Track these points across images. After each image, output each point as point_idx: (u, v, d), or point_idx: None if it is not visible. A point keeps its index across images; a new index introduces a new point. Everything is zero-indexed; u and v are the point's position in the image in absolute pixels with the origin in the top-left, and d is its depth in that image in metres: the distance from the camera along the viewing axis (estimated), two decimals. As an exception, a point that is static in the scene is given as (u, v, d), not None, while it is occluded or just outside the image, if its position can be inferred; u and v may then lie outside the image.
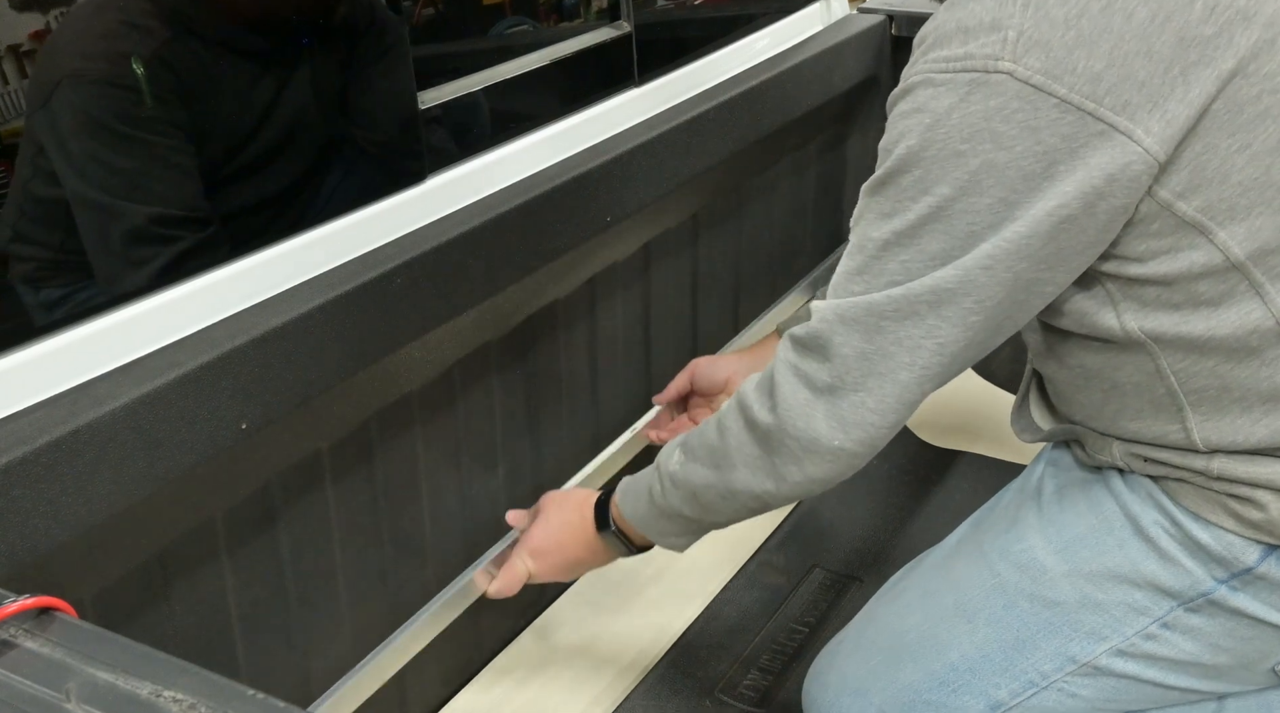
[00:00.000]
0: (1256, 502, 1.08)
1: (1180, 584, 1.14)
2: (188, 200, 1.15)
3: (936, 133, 0.99)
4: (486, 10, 1.52)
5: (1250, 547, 1.10)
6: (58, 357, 1.03)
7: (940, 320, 1.02)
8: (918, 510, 1.93)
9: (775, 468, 1.14)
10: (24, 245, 1.07)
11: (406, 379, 1.37)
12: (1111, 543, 1.17)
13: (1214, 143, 0.98)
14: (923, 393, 1.07)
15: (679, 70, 1.72)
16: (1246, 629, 1.14)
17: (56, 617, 0.73)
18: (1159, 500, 1.15)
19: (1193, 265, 1.02)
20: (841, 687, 1.32)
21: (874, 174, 1.06)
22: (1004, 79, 0.96)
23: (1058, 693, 1.20)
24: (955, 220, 1.00)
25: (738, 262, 1.98)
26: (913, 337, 1.03)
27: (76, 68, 1.06)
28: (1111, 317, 1.08)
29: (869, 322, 1.05)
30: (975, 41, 0.98)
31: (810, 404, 1.09)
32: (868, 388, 1.06)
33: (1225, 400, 1.07)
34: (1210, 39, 0.96)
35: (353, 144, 1.33)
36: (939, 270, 1.01)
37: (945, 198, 1.00)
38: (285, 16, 1.23)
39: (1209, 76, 0.96)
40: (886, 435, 1.09)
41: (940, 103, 0.99)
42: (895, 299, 1.03)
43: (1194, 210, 1.00)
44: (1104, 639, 1.18)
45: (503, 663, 1.68)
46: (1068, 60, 0.95)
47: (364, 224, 1.28)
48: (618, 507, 1.32)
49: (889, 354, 1.05)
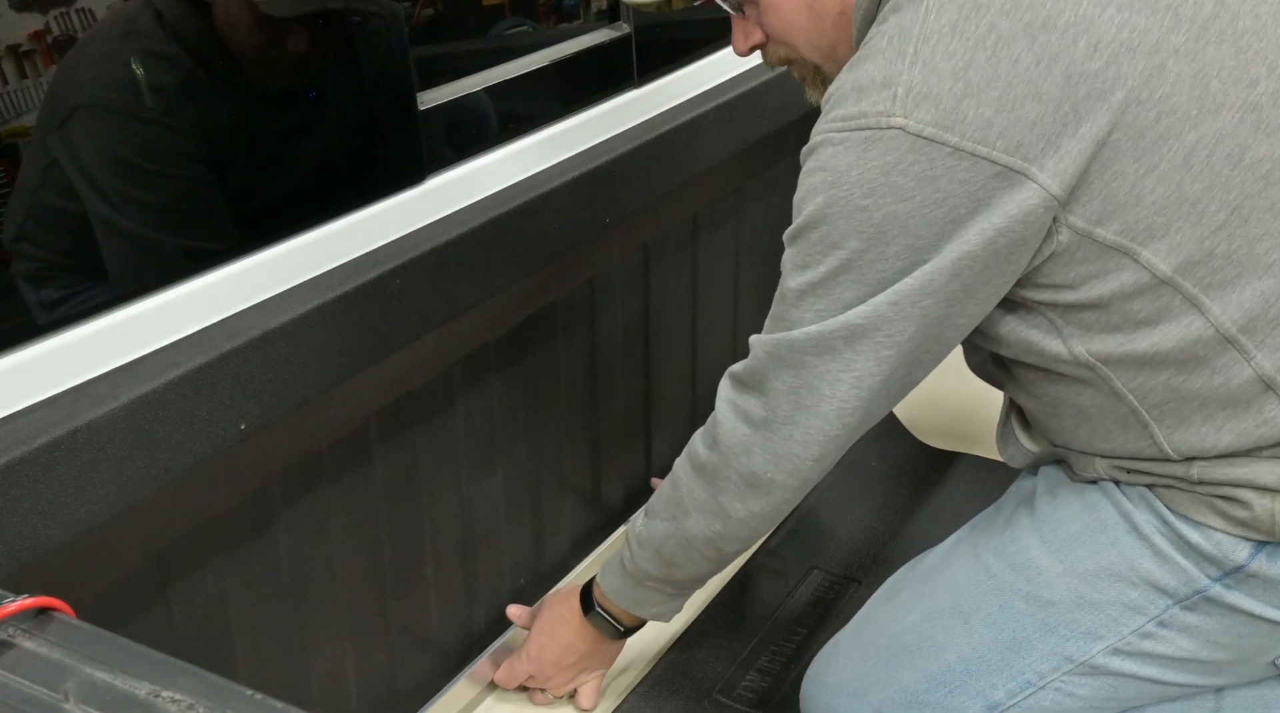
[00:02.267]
0: (1241, 501, 1.09)
1: (1175, 583, 1.15)
2: (213, 231, 1.18)
3: (839, 190, 1.03)
4: (486, 11, 1.52)
5: (1240, 545, 1.11)
6: (57, 357, 1.03)
7: (855, 355, 1.07)
8: (916, 512, 1.93)
9: (721, 506, 1.20)
10: (28, 246, 1.07)
11: (406, 379, 1.37)
12: (1106, 541, 1.18)
13: (1121, 169, 1.00)
14: (844, 427, 1.11)
15: (678, 71, 1.72)
16: (1243, 626, 1.14)
17: (55, 617, 0.73)
18: (1150, 502, 1.16)
19: (1123, 286, 1.05)
20: (838, 689, 1.32)
21: (790, 226, 1.11)
22: (897, 134, 1.00)
23: (1055, 693, 1.21)
24: (865, 270, 1.05)
25: (737, 262, 1.98)
26: (831, 371, 1.09)
27: (94, 97, 1.07)
28: (1058, 344, 1.10)
29: (794, 358, 1.10)
30: (868, 99, 1.02)
31: (749, 439, 1.16)
32: (795, 421, 1.12)
33: (1185, 411, 1.09)
34: (1097, 73, 0.99)
35: (353, 144, 1.33)
36: (851, 309, 1.06)
37: (854, 251, 1.05)
38: (291, 30, 1.23)
39: (1100, 109, 0.99)
40: (814, 468, 1.14)
41: (840, 161, 1.03)
42: (813, 336, 1.08)
43: (1113, 235, 1.03)
44: (1100, 638, 1.18)
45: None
46: (957, 110, 0.98)
47: (364, 224, 1.28)
48: (599, 586, 1.41)
49: (814, 388, 1.10)
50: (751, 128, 1.77)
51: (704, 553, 1.27)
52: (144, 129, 1.11)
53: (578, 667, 1.49)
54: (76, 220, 1.09)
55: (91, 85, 1.07)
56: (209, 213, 1.18)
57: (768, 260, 2.05)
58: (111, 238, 1.10)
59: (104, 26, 1.06)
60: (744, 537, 1.25)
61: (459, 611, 1.58)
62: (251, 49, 1.19)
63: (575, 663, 1.48)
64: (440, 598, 1.53)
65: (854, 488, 1.97)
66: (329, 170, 1.31)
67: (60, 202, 1.07)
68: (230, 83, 1.18)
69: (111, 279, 1.10)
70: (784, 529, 1.88)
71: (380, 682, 1.47)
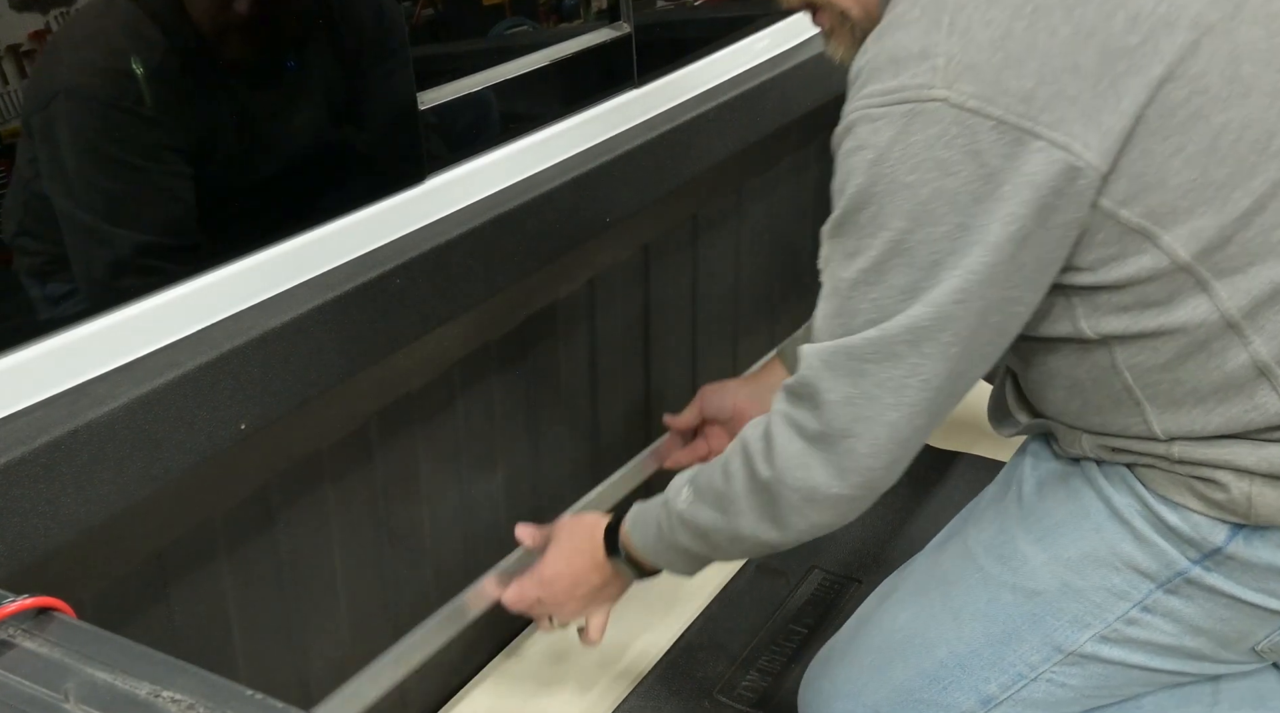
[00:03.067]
0: (1218, 482, 1.09)
1: (1156, 565, 1.15)
2: (175, 228, 1.15)
3: (882, 167, 1.01)
4: (486, 10, 1.52)
5: (1217, 527, 1.11)
6: (57, 357, 1.03)
7: (921, 357, 1.04)
8: (917, 512, 1.93)
9: (778, 517, 1.15)
10: (29, 241, 1.07)
11: (406, 379, 1.37)
12: (1089, 527, 1.18)
13: (1150, 148, 0.99)
14: (915, 429, 1.08)
15: (679, 71, 1.72)
16: (1224, 610, 1.15)
17: (55, 617, 0.73)
18: (1131, 484, 1.16)
19: (1141, 270, 1.04)
20: (834, 692, 1.32)
21: (831, 216, 1.08)
22: (939, 106, 0.97)
23: (1047, 684, 1.21)
24: (916, 252, 1.01)
25: (737, 262, 1.98)
26: (895, 377, 1.05)
27: (75, 82, 1.06)
28: (1068, 322, 1.10)
29: (851, 366, 1.06)
30: (907, 72, 0.99)
31: (806, 454, 1.10)
32: (857, 433, 1.07)
33: (1179, 392, 1.09)
34: (1135, 48, 0.97)
35: (353, 144, 1.33)
36: (912, 307, 1.02)
37: (902, 231, 1.01)
38: (284, 23, 1.23)
39: (1139, 85, 0.97)
40: (885, 476, 1.10)
41: (881, 137, 1.00)
42: (873, 341, 1.04)
43: (1137, 217, 1.01)
44: (1087, 626, 1.19)
45: (502, 664, 1.68)
46: (999, 81, 0.96)
47: (364, 224, 1.28)
48: (627, 535, 1.34)
49: (874, 397, 1.06)
50: (751, 128, 1.77)
51: (757, 549, 1.22)
52: (119, 117, 1.09)
53: (590, 599, 1.42)
54: None
55: (68, 71, 1.06)
56: (182, 205, 1.15)
57: (768, 260, 2.05)
58: (75, 229, 1.08)
59: (83, 10, 1.05)
60: (804, 539, 1.20)
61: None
62: (230, 32, 1.17)
63: (589, 595, 1.42)
64: (441, 598, 1.52)
65: (854, 488, 1.97)
66: (327, 169, 1.31)
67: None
68: (211, 70, 1.16)
69: (76, 273, 1.08)
70: (784, 529, 1.88)
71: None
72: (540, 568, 1.42)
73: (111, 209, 1.10)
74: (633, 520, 1.34)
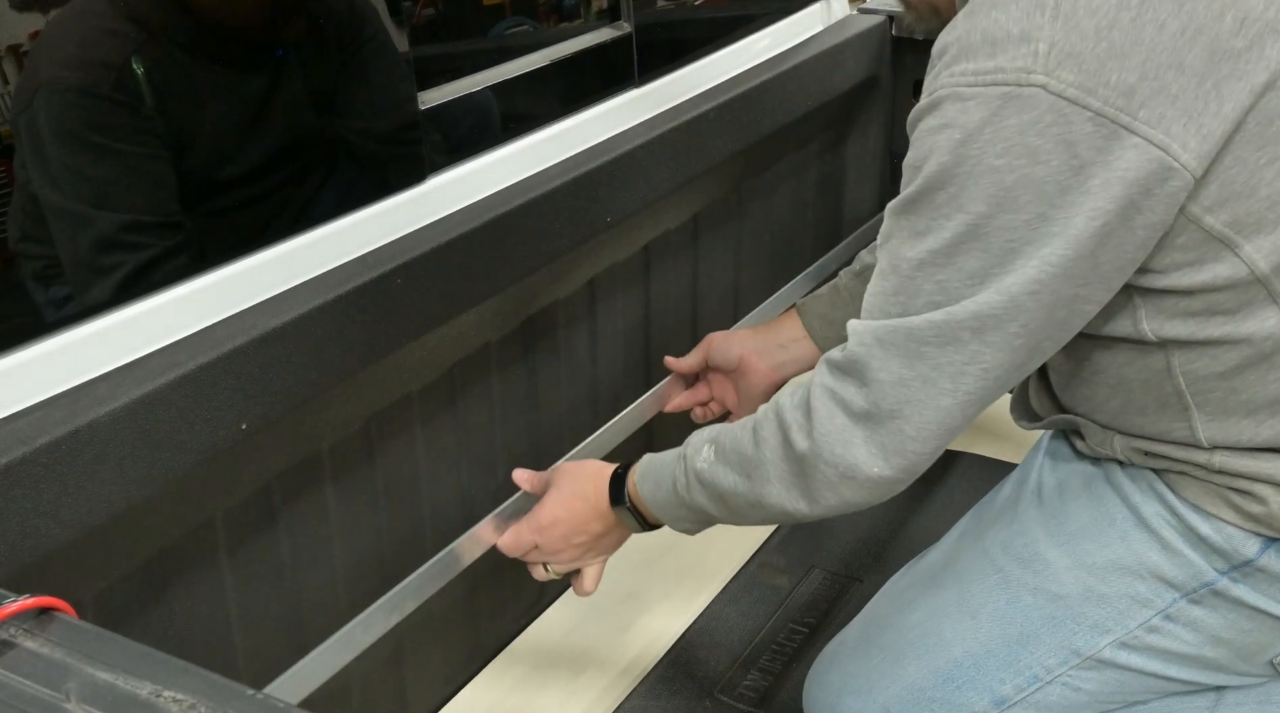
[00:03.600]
0: (1257, 496, 1.08)
1: (1182, 575, 1.14)
2: (156, 206, 1.14)
3: (969, 148, 0.97)
4: (486, 10, 1.52)
5: (1250, 539, 1.11)
6: (58, 357, 1.03)
7: (984, 346, 1.00)
8: (918, 510, 1.93)
9: (810, 490, 1.11)
10: (32, 244, 1.07)
11: (406, 379, 1.37)
12: (1114, 535, 1.18)
13: (1243, 156, 0.97)
14: (965, 418, 1.05)
15: (679, 71, 1.72)
16: (1246, 621, 1.14)
17: (56, 617, 0.73)
18: (1160, 492, 1.15)
19: (1216, 278, 1.02)
20: (843, 687, 1.31)
21: (901, 193, 1.04)
22: (1037, 92, 0.94)
23: (1062, 687, 1.21)
24: (992, 238, 0.98)
25: (738, 262, 1.98)
26: (954, 363, 1.01)
27: (53, 75, 1.05)
28: (1129, 322, 1.07)
29: (909, 347, 1.02)
30: (1005, 54, 0.96)
31: (848, 430, 1.07)
32: (906, 415, 1.04)
33: (1232, 402, 1.07)
34: (1242, 52, 0.95)
35: (353, 144, 1.33)
36: (981, 294, 0.99)
37: (981, 215, 0.98)
38: (271, 21, 1.23)
39: (1242, 90, 0.95)
40: (928, 461, 1.08)
41: (971, 117, 0.97)
42: (936, 325, 1.01)
43: (1221, 224, 0.99)
44: (1107, 632, 1.18)
45: (503, 664, 1.68)
46: (1101, 73, 0.94)
47: (364, 224, 1.28)
48: (635, 487, 1.29)
49: (930, 380, 1.02)
50: (751, 128, 1.77)
51: (777, 517, 1.18)
52: (97, 106, 1.08)
53: (588, 547, 1.37)
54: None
55: (50, 65, 1.05)
56: (157, 193, 1.14)
57: (768, 260, 2.05)
58: (56, 220, 1.08)
59: (67, 5, 1.05)
60: (831, 515, 1.15)
61: (459, 611, 1.59)
62: (218, 21, 1.17)
63: (586, 544, 1.37)
64: (441, 598, 1.52)
65: (854, 487, 1.97)
66: (327, 169, 1.31)
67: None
68: (193, 60, 1.16)
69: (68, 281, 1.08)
70: (785, 528, 1.88)
71: (381, 682, 1.47)
72: (538, 513, 1.37)
73: (96, 194, 1.09)
74: (643, 472, 1.29)
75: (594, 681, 1.64)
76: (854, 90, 2.04)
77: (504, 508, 1.44)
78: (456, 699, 1.61)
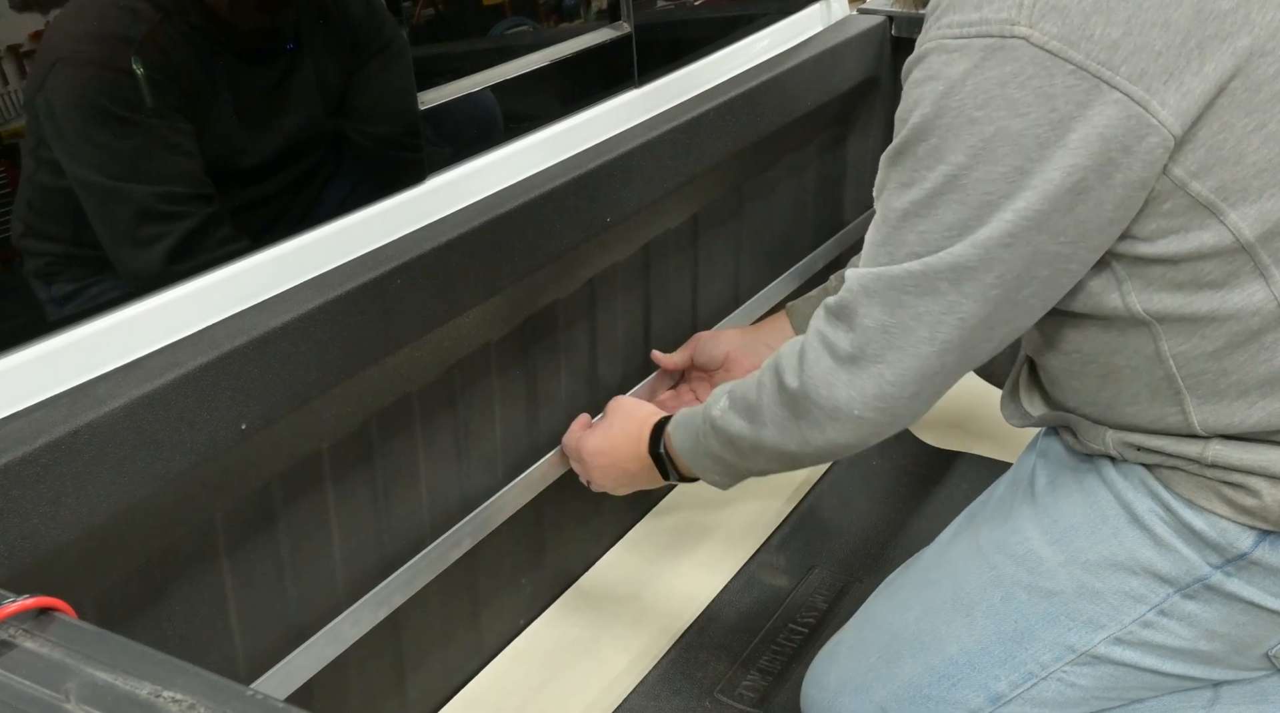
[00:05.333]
0: (1250, 489, 1.09)
1: (1176, 570, 1.15)
2: (189, 178, 1.15)
3: (951, 100, 0.98)
4: (486, 10, 1.52)
5: (1244, 533, 1.11)
6: (58, 357, 1.03)
7: (961, 297, 1.03)
8: (918, 511, 1.93)
9: (800, 431, 1.16)
10: (35, 241, 1.07)
11: (406, 379, 1.37)
12: (1107, 531, 1.18)
13: (1230, 122, 0.97)
14: (944, 366, 1.07)
15: (679, 71, 1.72)
16: (1241, 615, 1.14)
17: (56, 617, 0.73)
18: (1152, 488, 1.16)
19: (1202, 246, 1.02)
20: (841, 687, 1.32)
21: (892, 143, 1.06)
22: (1020, 44, 0.95)
23: (1057, 683, 1.21)
24: (970, 190, 0.99)
25: (737, 262, 1.98)
26: (932, 312, 1.04)
27: (71, 49, 1.06)
28: (1116, 296, 1.07)
29: (890, 296, 1.05)
30: (990, 6, 0.97)
31: (832, 372, 1.10)
32: (886, 360, 1.07)
33: (1223, 384, 1.08)
34: (1227, 14, 0.95)
35: (353, 144, 1.33)
36: (957, 246, 1.01)
37: (959, 166, 0.99)
38: (279, 12, 1.23)
39: (1224, 51, 0.95)
40: (909, 406, 1.10)
41: (954, 69, 0.98)
42: (915, 275, 1.03)
43: (1208, 191, 0.99)
44: (1102, 628, 1.18)
45: (503, 663, 1.68)
46: (1084, 26, 0.94)
47: (364, 224, 1.28)
48: (670, 435, 1.38)
49: (909, 329, 1.05)
50: (751, 128, 1.77)
51: (776, 461, 1.24)
52: (118, 79, 1.09)
53: (625, 483, 1.50)
54: (72, 200, 1.08)
55: (67, 40, 1.06)
56: (187, 165, 1.15)
57: (768, 260, 2.05)
58: (87, 196, 1.09)
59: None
60: (824, 459, 1.21)
61: (461, 612, 1.59)
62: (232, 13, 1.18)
63: (622, 479, 1.49)
64: (442, 599, 1.53)
65: (854, 487, 1.97)
66: (327, 169, 1.31)
67: (54, 180, 1.07)
68: (206, 49, 1.16)
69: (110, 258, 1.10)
70: (785, 528, 1.88)
71: (381, 683, 1.47)
72: (590, 438, 1.50)
73: (126, 167, 1.10)
74: (675, 424, 1.38)
75: (594, 681, 1.64)
76: (854, 90, 2.04)
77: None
78: (456, 699, 1.61)
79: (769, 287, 2.05)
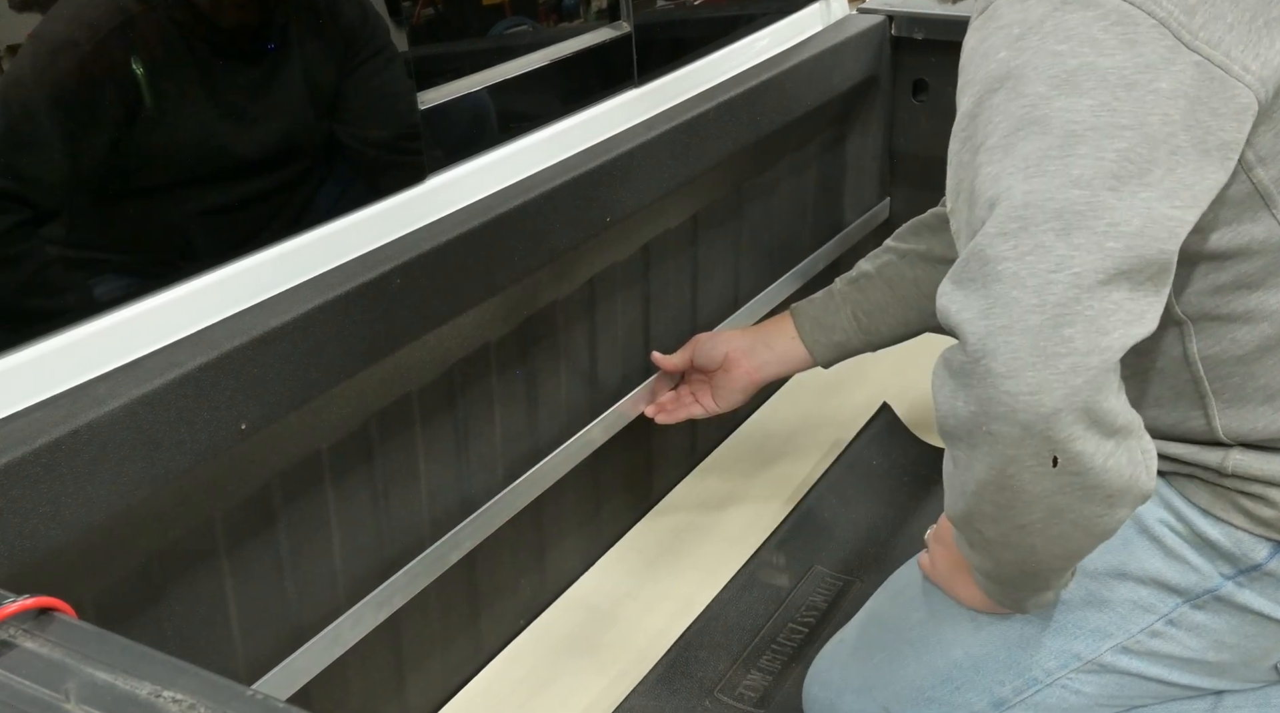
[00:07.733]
0: (1269, 499, 1.08)
1: (1187, 581, 1.14)
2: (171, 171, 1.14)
3: (1030, 40, 0.92)
4: (486, 10, 1.52)
5: (1259, 544, 1.10)
6: (58, 357, 1.03)
7: (1073, 249, 0.89)
8: (918, 510, 1.93)
9: (974, 394, 0.94)
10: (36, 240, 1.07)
11: (406, 379, 1.37)
12: (1116, 543, 1.17)
13: None
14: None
15: (678, 71, 1.72)
16: (1251, 626, 1.14)
17: (56, 617, 0.73)
18: (1165, 497, 1.15)
19: (1252, 241, 1.00)
20: (843, 686, 1.31)
21: (955, 124, 0.99)
22: None
23: (1061, 690, 1.21)
24: (1053, 119, 0.91)
25: (737, 262, 1.98)
26: (1040, 271, 0.89)
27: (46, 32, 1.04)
28: None
29: (986, 271, 0.92)
30: None
31: (952, 393, 0.96)
32: (992, 351, 0.91)
33: (1249, 388, 1.06)
34: None
35: (352, 144, 1.33)
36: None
37: (1040, 96, 0.91)
38: (263, 10, 1.23)
39: None
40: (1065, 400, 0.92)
41: (1031, 13, 0.93)
42: (1011, 232, 0.91)
43: (1269, 179, 0.98)
44: (1109, 637, 1.18)
45: (502, 663, 1.68)
46: None
47: (364, 224, 1.28)
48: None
49: (1012, 300, 0.90)
50: (751, 128, 1.77)
51: (996, 483, 1.01)
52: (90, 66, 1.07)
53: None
54: (71, 199, 1.07)
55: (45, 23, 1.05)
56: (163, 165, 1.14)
57: (768, 261, 2.05)
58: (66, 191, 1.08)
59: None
60: (1012, 422, 0.95)
61: (460, 613, 1.59)
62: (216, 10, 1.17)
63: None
64: (441, 600, 1.52)
65: (854, 486, 1.97)
66: (327, 168, 1.31)
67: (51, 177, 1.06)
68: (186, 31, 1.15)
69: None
70: (785, 528, 1.88)
71: (381, 683, 1.47)
72: (945, 556, 1.26)
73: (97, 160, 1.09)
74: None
75: (594, 681, 1.64)
76: (853, 90, 2.04)
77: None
78: (456, 699, 1.61)
79: (769, 287, 2.05)
